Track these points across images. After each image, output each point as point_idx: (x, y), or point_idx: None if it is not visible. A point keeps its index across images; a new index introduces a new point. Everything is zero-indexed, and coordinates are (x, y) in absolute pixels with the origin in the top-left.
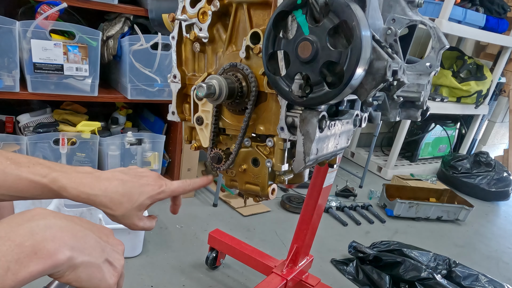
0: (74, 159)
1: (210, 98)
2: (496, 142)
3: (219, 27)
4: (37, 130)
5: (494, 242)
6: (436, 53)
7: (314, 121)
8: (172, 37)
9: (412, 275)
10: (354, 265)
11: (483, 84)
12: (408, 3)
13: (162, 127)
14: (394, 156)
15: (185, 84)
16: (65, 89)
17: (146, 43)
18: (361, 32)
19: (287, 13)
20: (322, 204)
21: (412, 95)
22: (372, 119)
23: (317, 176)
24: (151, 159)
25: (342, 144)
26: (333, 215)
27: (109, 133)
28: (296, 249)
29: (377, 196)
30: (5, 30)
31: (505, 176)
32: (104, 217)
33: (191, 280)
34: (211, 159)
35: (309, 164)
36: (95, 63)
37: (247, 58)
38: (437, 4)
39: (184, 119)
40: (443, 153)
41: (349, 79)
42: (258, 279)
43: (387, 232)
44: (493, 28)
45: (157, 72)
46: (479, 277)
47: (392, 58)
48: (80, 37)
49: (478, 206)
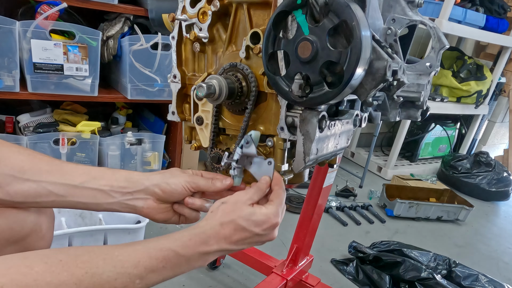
0: (74, 159)
1: (210, 98)
2: (496, 142)
3: (219, 27)
4: (37, 130)
5: (494, 242)
6: (436, 53)
7: (314, 121)
8: (172, 37)
9: (412, 275)
10: (354, 265)
11: (483, 84)
12: (408, 3)
13: (162, 127)
14: (394, 156)
15: (185, 84)
16: (65, 89)
17: (146, 43)
18: (361, 32)
19: (287, 13)
20: (322, 204)
21: (412, 95)
22: (372, 119)
23: (317, 176)
24: (151, 159)
25: (342, 144)
26: (333, 215)
27: (109, 133)
28: (296, 249)
29: (377, 196)
30: (5, 30)
31: (505, 176)
32: (104, 217)
33: (191, 280)
34: (211, 159)
35: (309, 164)
36: (95, 63)
37: (247, 58)
38: (437, 4)
39: (184, 119)
40: (443, 153)
41: (349, 79)
42: (258, 279)
43: (387, 232)
44: (493, 28)
45: (157, 72)
46: (479, 277)
47: (392, 58)
48: (80, 37)
49: (478, 206)
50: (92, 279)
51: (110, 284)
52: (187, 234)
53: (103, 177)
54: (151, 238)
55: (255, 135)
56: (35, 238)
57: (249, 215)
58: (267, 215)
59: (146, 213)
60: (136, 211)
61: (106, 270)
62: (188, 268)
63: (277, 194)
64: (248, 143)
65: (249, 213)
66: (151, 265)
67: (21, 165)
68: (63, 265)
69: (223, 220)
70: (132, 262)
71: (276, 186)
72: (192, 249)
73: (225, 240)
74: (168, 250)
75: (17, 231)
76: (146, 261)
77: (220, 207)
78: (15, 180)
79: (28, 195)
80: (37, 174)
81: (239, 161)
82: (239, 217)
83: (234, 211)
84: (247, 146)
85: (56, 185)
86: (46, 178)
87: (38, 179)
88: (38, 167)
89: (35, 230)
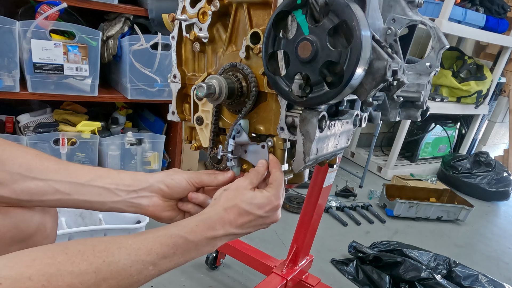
0: (74, 159)
1: (210, 98)
2: (496, 142)
3: (219, 27)
4: (37, 130)
5: (494, 242)
6: (436, 53)
7: (314, 121)
8: (172, 37)
9: (412, 275)
10: (354, 265)
11: (483, 84)
12: (408, 3)
13: (162, 127)
14: (394, 156)
15: (185, 84)
16: (65, 89)
17: (146, 43)
18: (361, 32)
19: (287, 13)
20: (322, 204)
21: (412, 95)
22: (372, 119)
23: (317, 176)
24: (151, 159)
25: (342, 144)
26: (333, 215)
27: (109, 133)
28: (296, 249)
29: (377, 196)
30: (5, 30)
31: (505, 176)
32: (104, 217)
33: (191, 280)
34: (211, 159)
35: (309, 164)
36: (95, 63)
37: (247, 58)
38: (437, 4)
39: (184, 119)
40: (443, 153)
41: (349, 79)
42: (258, 279)
43: (387, 232)
44: (493, 28)
45: (157, 72)
46: (479, 277)
47: (392, 58)
48: (80, 37)
49: (478, 206)
50: (109, 267)
51: (126, 271)
52: (194, 221)
53: (109, 176)
54: (161, 227)
55: (244, 123)
56: (40, 238)
57: (250, 198)
58: (268, 197)
59: (152, 212)
60: (142, 210)
61: (122, 258)
62: (197, 254)
63: (275, 176)
64: (239, 132)
65: (251, 196)
66: (163, 252)
67: (28, 163)
68: (82, 255)
69: (226, 205)
70: (145, 249)
71: (273, 169)
72: (200, 234)
73: (230, 224)
74: (177, 237)
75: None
76: (157, 248)
77: (222, 194)
78: (22, 178)
79: (34, 193)
80: (44, 173)
81: (234, 152)
82: (241, 201)
83: (236, 196)
84: (239, 136)
85: (62, 183)
86: (52, 176)
87: (45, 177)
88: (45, 166)
89: (40, 230)
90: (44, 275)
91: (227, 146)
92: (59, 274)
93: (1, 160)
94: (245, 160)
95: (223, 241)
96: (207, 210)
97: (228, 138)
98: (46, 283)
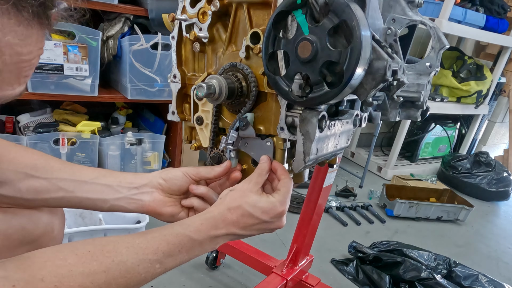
0: (74, 159)
1: (210, 98)
2: (496, 142)
3: (219, 27)
4: (37, 130)
5: (494, 242)
6: (436, 53)
7: (314, 121)
8: (172, 37)
9: (412, 275)
10: (354, 265)
11: (483, 84)
12: (408, 3)
13: (162, 127)
14: (394, 156)
15: (185, 84)
16: (65, 89)
17: (146, 43)
18: (361, 32)
19: (287, 13)
20: (322, 204)
21: (412, 95)
22: (372, 119)
23: (317, 176)
24: (151, 159)
25: (342, 144)
26: (333, 215)
27: (109, 133)
28: (296, 249)
29: (377, 196)
30: None
31: (505, 176)
32: (104, 217)
33: (191, 280)
34: (211, 159)
35: (309, 164)
36: (95, 63)
37: (247, 58)
38: (437, 4)
39: (184, 119)
40: (443, 153)
41: (349, 79)
42: (258, 279)
43: (387, 232)
44: (493, 28)
45: (157, 72)
46: (479, 277)
47: (392, 58)
48: (80, 37)
49: (478, 206)
50: (118, 266)
51: (134, 270)
52: (198, 220)
53: (111, 175)
54: (166, 225)
55: (250, 117)
56: (47, 239)
57: (255, 201)
58: (273, 203)
59: (153, 208)
60: (143, 207)
61: (130, 258)
62: (200, 252)
63: (284, 183)
64: (245, 125)
65: (255, 200)
66: (169, 250)
67: (34, 163)
68: (92, 255)
69: (230, 205)
70: (151, 248)
71: (283, 176)
72: (204, 233)
73: (233, 224)
74: (182, 236)
75: (30, 232)
76: (164, 247)
77: (228, 194)
78: (27, 177)
79: (38, 192)
80: (49, 172)
81: (235, 144)
82: (245, 203)
83: (241, 197)
84: (244, 129)
85: (66, 181)
86: (57, 175)
87: (50, 176)
88: (51, 165)
89: (48, 231)
90: (56, 276)
91: (228, 137)
92: (71, 275)
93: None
94: (245, 159)
95: (225, 240)
96: (212, 209)
97: (231, 129)
98: (58, 284)
